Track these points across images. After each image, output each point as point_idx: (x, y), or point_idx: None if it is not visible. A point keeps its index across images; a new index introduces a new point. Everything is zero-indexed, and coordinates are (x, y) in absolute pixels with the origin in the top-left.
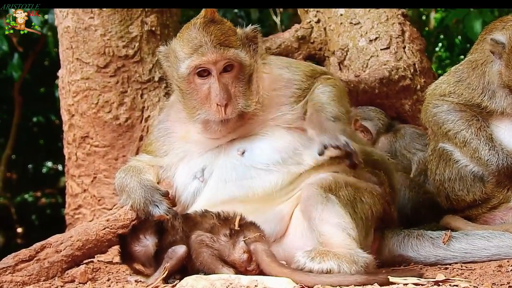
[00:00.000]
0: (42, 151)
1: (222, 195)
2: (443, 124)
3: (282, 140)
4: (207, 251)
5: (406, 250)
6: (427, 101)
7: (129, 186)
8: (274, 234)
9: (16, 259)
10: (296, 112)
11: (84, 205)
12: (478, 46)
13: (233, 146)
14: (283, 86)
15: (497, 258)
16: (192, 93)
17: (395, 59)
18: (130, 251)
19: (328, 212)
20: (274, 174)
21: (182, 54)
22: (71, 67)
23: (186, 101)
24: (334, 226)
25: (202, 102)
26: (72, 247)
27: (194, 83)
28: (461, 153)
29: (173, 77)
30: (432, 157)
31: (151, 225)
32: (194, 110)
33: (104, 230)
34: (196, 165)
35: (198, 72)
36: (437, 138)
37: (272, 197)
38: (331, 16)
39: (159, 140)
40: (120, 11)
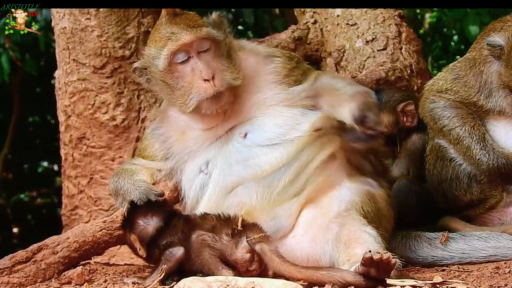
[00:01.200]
0: (38, 151)
1: (230, 178)
2: (439, 120)
3: (283, 117)
4: (209, 251)
5: (404, 251)
6: (425, 97)
7: (124, 188)
8: (281, 230)
9: (13, 260)
10: (295, 93)
11: (80, 206)
12: (477, 45)
13: (235, 132)
14: (264, 62)
15: (495, 259)
16: (178, 81)
17: (391, 60)
18: (133, 220)
19: (369, 228)
20: (278, 149)
21: (157, 49)
22: (68, 68)
23: (176, 93)
24: (368, 234)
25: (190, 85)
26: (69, 249)
27: (177, 71)
28: (455, 150)
29: (157, 79)
30: (430, 156)
31: (163, 211)
32: (185, 96)
33: (100, 232)
34: (200, 160)
35: (177, 59)
36: (433, 133)
37: (280, 173)
38: (327, 17)
39: (154, 145)
40: (117, 12)
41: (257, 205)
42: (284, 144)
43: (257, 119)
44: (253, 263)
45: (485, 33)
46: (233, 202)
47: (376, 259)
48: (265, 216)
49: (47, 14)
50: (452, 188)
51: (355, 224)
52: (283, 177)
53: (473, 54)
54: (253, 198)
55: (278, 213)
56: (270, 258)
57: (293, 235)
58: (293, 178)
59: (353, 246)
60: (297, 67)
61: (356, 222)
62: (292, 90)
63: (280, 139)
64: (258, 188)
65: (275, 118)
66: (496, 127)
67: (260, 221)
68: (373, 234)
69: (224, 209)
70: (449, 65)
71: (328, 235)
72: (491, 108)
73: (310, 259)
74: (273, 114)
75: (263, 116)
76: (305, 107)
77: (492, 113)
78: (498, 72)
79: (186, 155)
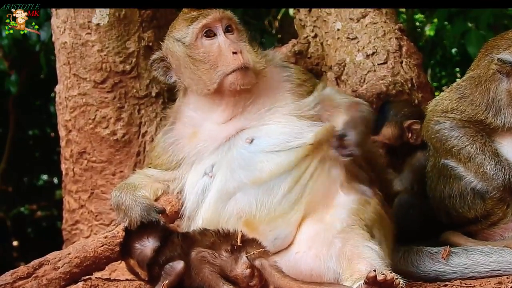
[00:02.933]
0: (38, 164)
1: (231, 184)
2: (447, 141)
3: (290, 126)
4: (209, 267)
5: (406, 266)
6: (428, 118)
7: (125, 204)
8: (280, 240)
9: (14, 276)
10: (304, 105)
11: (81, 221)
12: (480, 63)
13: (242, 137)
14: (279, 70)
15: (497, 274)
16: (205, 56)
17: (392, 74)
18: (130, 245)
19: (372, 243)
20: (280, 156)
21: (184, 28)
22: (68, 83)
23: (201, 68)
24: (371, 249)
25: (217, 59)
26: (70, 264)
27: (204, 47)
28: (465, 168)
29: (180, 61)
30: (432, 173)
31: (158, 230)
32: (211, 71)
33: (102, 247)
34: (206, 162)
35: (205, 34)
36: (439, 154)
37: (280, 180)
38: (328, 31)
39: (167, 152)
40: (117, 27)
41: (257, 214)
42: (287, 151)
43: (265, 127)
44: (253, 279)
45: (487, 50)
46: (233, 209)
47: (380, 280)
48: (265, 226)
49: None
50: (456, 205)
51: (358, 240)
52: (283, 185)
53: (477, 72)
54: (253, 206)
55: (278, 223)
56: (270, 273)
57: (297, 251)
58: (293, 186)
59: (355, 262)
60: (310, 79)
61: (359, 238)
62: (303, 101)
63: (283, 146)
64: (258, 195)
65: (283, 127)
66: (501, 145)
67: (259, 231)
68: (376, 249)
69: (223, 216)
70: (453, 84)
71: (332, 251)
72: (499, 125)
73: (314, 275)
74: (281, 123)
75: (272, 124)
76: (311, 119)
77: (500, 131)
78: (507, 89)
79: (194, 156)
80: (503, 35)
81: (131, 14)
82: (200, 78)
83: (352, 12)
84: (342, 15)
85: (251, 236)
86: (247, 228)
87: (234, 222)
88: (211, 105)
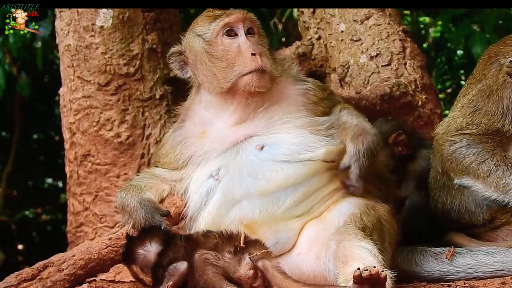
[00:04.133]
0: (42, 168)
1: (238, 191)
2: (464, 159)
3: (302, 138)
4: (212, 269)
5: (410, 265)
6: (442, 141)
7: (130, 206)
8: (282, 243)
9: (19, 278)
10: (319, 123)
11: (85, 223)
12: (486, 72)
13: (252, 143)
14: (295, 83)
15: (501, 274)
16: (224, 54)
17: (396, 76)
18: (132, 252)
19: (364, 243)
20: (289, 168)
21: (206, 24)
22: (72, 85)
23: (218, 66)
24: (365, 249)
25: (235, 58)
26: (75, 266)
27: (223, 45)
28: (484, 184)
29: (198, 56)
30: (436, 185)
31: (160, 234)
32: (228, 69)
33: (106, 249)
34: (213, 165)
35: (226, 32)
36: (453, 174)
37: (287, 193)
38: (331, 33)
39: (175, 150)
40: (121, 29)
41: (259, 219)
42: (296, 164)
43: (275, 135)
44: (256, 280)
45: (490, 58)
46: (235, 215)
47: (365, 276)
48: (266, 229)
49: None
50: (461, 216)
51: (351, 240)
52: (288, 198)
53: (486, 82)
54: (256, 214)
55: (280, 227)
56: (273, 275)
57: (298, 252)
58: (299, 202)
59: (349, 264)
60: (328, 98)
61: (352, 238)
62: (317, 119)
63: (293, 157)
64: (263, 205)
65: (294, 138)
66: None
67: (260, 234)
68: (369, 248)
69: (225, 221)
70: (461, 102)
71: (329, 253)
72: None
73: (317, 276)
74: (292, 134)
75: (282, 133)
76: (325, 136)
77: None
78: None
79: (201, 156)
80: (505, 41)
81: (135, 16)
82: (215, 75)
83: (356, 13)
84: (346, 17)
85: (254, 237)
86: (248, 231)
87: (236, 226)
88: (222, 104)
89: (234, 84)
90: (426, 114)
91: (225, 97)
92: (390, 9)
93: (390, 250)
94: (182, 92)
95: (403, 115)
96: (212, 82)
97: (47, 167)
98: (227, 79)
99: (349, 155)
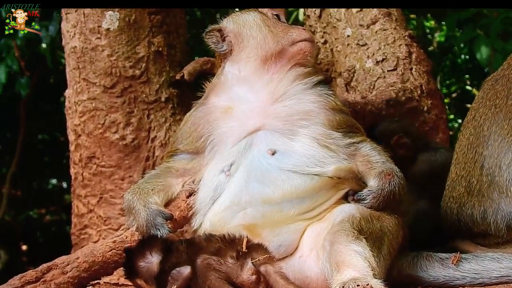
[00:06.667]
0: (47, 169)
1: (244, 197)
2: None
3: (313, 150)
4: (215, 274)
5: (415, 270)
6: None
7: (135, 208)
8: (284, 246)
9: (23, 280)
10: (332, 137)
11: (90, 225)
12: None
13: (266, 145)
14: (313, 87)
15: (507, 280)
16: (276, 22)
17: (402, 81)
18: (134, 265)
19: (355, 245)
20: (297, 179)
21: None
22: (78, 87)
23: (273, 30)
24: (356, 253)
25: (288, 28)
26: (79, 269)
27: (275, 20)
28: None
29: (246, 24)
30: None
31: (158, 243)
32: (284, 33)
33: (110, 252)
34: (226, 159)
35: (275, 15)
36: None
37: (292, 205)
38: (338, 37)
39: (198, 126)
40: (127, 32)
41: (262, 223)
42: (304, 175)
43: (291, 143)
44: (259, 285)
45: None
46: (240, 221)
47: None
48: (269, 232)
49: (53, 30)
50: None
51: (342, 242)
52: (293, 209)
53: None
54: (259, 220)
55: (283, 230)
56: (275, 280)
57: (300, 255)
58: (302, 212)
59: (341, 270)
60: (343, 111)
61: (343, 239)
62: (332, 133)
63: (302, 169)
64: (266, 212)
65: (307, 150)
66: None
67: (263, 236)
68: (360, 251)
69: (229, 224)
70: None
71: (325, 254)
72: None
73: (320, 279)
74: (305, 144)
75: (297, 142)
76: (336, 152)
77: None
78: None
79: (219, 138)
80: None
81: (141, 19)
82: (266, 38)
83: (362, 18)
84: (352, 22)
85: (256, 241)
86: (251, 234)
87: (239, 229)
88: (256, 74)
89: (284, 48)
90: (432, 119)
91: (263, 65)
92: (396, 13)
93: (388, 260)
94: (188, 95)
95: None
96: (258, 47)
97: (51, 168)
98: (281, 41)
99: (370, 189)
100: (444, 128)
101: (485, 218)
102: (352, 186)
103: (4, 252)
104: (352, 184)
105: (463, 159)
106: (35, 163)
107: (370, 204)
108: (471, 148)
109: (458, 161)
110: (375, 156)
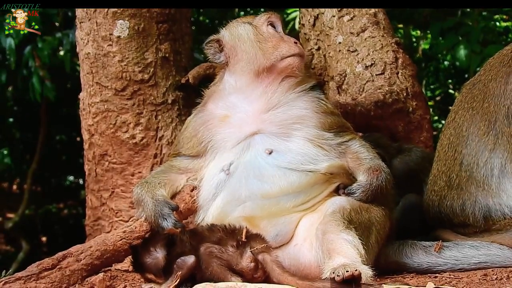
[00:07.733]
0: (65, 166)
1: (244, 192)
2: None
3: (308, 149)
4: (216, 261)
5: (401, 257)
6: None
7: (144, 200)
8: (281, 235)
9: (40, 267)
10: (325, 138)
11: (102, 217)
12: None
13: (263, 145)
14: (312, 91)
15: (485, 266)
16: (269, 36)
17: (389, 84)
18: (141, 262)
19: (345, 234)
20: (292, 176)
21: (252, 16)
22: (91, 90)
23: (263, 45)
24: (346, 241)
25: (279, 42)
26: (92, 257)
27: (268, 32)
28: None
29: (240, 37)
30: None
31: (161, 239)
32: (274, 49)
33: (121, 241)
34: (226, 159)
35: (269, 23)
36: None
37: (288, 198)
38: (330, 44)
39: (198, 132)
40: (137, 39)
41: (260, 215)
42: (299, 172)
43: (286, 143)
44: (257, 271)
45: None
46: (240, 213)
47: (338, 281)
48: (267, 222)
49: (73, 38)
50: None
51: (333, 231)
52: (288, 203)
53: None
54: (258, 212)
55: (279, 220)
56: (271, 268)
57: (295, 244)
58: (298, 204)
59: (333, 257)
60: (336, 115)
61: (334, 229)
62: (323, 134)
63: (297, 166)
64: (265, 205)
65: (301, 149)
66: None
67: (262, 227)
68: (350, 240)
69: (230, 217)
70: None
71: (318, 242)
72: None
73: (313, 266)
74: (301, 144)
75: (292, 143)
76: (328, 151)
77: None
78: None
79: (219, 143)
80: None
81: (149, 27)
82: (256, 55)
83: (352, 26)
84: (343, 30)
85: (255, 231)
86: (250, 224)
87: (239, 220)
88: (250, 86)
89: (273, 64)
90: (416, 119)
91: (256, 78)
92: (384, 22)
93: (376, 248)
94: (192, 98)
95: (395, 120)
96: (250, 62)
97: (69, 166)
98: (270, 58)
99: (359, 184)
100: (428, 127)
101: (463, 209)
102: (343, 181)
103: (26, 243)
104: (343, 178)
105: (444, 156)
106: (54, 162)
107: (360, 197)
108: (451, 147)
109: (440, 158)
110: (363, 153)
